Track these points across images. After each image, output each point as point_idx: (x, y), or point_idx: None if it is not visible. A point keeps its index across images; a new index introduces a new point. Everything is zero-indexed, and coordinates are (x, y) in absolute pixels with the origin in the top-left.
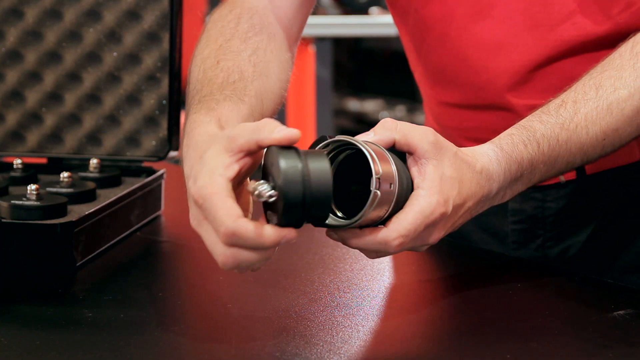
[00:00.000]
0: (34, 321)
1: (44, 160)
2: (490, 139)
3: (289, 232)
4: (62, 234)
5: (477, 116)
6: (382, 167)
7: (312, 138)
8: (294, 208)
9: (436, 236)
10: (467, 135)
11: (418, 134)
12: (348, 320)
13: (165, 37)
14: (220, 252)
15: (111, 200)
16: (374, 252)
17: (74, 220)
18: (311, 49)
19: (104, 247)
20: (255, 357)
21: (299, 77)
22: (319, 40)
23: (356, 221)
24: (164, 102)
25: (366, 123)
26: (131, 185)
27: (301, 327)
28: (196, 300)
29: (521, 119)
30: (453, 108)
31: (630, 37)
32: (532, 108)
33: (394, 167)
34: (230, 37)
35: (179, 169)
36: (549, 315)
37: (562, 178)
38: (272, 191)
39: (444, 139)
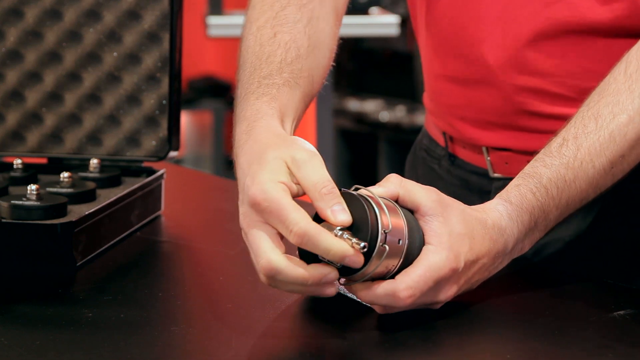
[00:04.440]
0: (34, 321)
1: (44, 160)
2: (478, 119)
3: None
4: (62, 234)
5: (466, 93)
6: (392, 221)
7: (312, 138)
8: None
9: (449, 293)
10: (455, 112)
11: (421, 192)
12: (347, 320)
13: (165, 37)
14: (271, 257)
15: (111, 200)
16: (383, 306)
17: (74, 220)
18: None
19: (104, 247)
20: (255, 357)
21: None
22: None
23: (362, 273)
24: (164, 102)
25: (366, 123)
26: (131, 185)
27: (301, 327)
28: (196, 300)
29: (506, 99)
30: (446, 82)
31: (623, 58)
32: (521, 90)
33: (404, 223)
34: (287, 4)
35: (179, 169)
36: (549, 315)
37: None
38: (364, 243)
39: (448, 197)
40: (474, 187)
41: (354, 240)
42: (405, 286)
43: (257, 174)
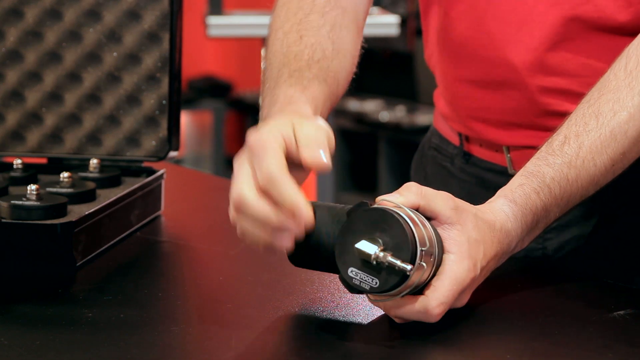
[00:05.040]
0: (34, 321)
1: (44, 160)
2: (500, 120)
3: (307, 212)
4: (62, 234)
5: (488, 96)
6: (427, 238)
7: None
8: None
9: (464, 300)
10: (475, 115)
11: (440, 201)
12: (348, 320)
13: (165, 37)
14: (243, 188)
15: (111, 200)
16: (410, 320)
17: (74, 220)
18: None
19: (104, 247)
20: (255, 357)
21: None
22: None
23: (398, 290)
24: (164, 102)
25: (366, 123)
26: (131, 185)
27: (301, 327)
28: (196, 300)
29: (531, 101)
30: (467, 86)
31: (623, 54)
32: (546, 91)
33: (433, 237)
34: (309, 12)
35: (179, 169)
36: (549, 315)
37: None
38: (410, 266)
39: (461, 201)
40: (490, 184)
41: (399, 263)
42: (438, 302)
43: (261, 127)
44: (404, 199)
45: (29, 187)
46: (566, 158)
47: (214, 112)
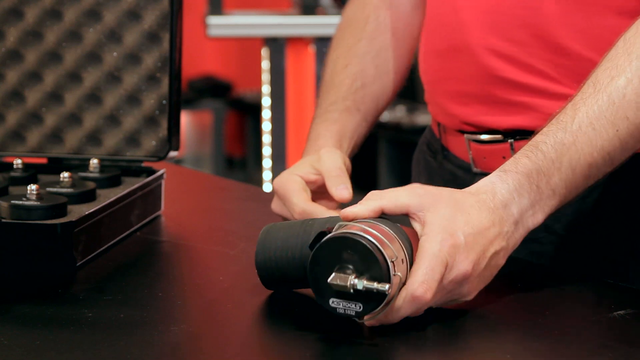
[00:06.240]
0: (34, 321)
1: (44, 160)
2: (457, 91)
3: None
4: (62, 234)
5: (447, 65)
6: (393, 247)
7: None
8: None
9: (463, 266)
10: (440, 88)
11: (404, 193)
12: (347, 321)
13: (165, 37)
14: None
15: (111, 200)
16: (409, 314)
17: (74, 220)
18: (311, 49)
19: (104, 247)
20: (255, 357)
21: (299, 77)
22: (319, 40)
23: (384, 305)
24: (164, 102)
25: None
26: (131, 185)
27: (302, 328)
28: (196, 300)
29: (480, 65)
30: (433, 56)
31: (625, 30)
32: (492, 53)
33: (396, 238)
34: (360, 38)
35: (179, 169)
36: (549, 315)
37: None
38: (387, 285)
39: (435, 187)
40: (460, 182)
41: (376, 286)
42: (419, 283)
43: (284, 171)
44: (365, 207)
45: (29, 187)
46: (561, 125)
47: (214, 112)
